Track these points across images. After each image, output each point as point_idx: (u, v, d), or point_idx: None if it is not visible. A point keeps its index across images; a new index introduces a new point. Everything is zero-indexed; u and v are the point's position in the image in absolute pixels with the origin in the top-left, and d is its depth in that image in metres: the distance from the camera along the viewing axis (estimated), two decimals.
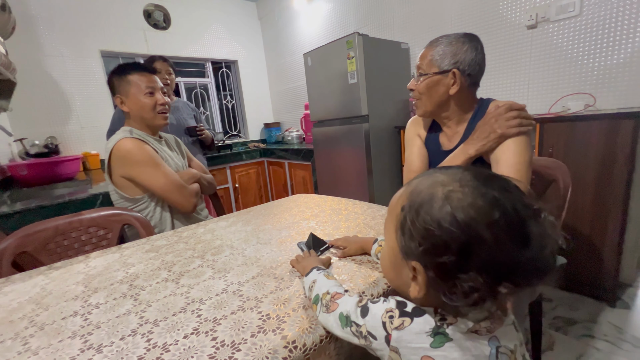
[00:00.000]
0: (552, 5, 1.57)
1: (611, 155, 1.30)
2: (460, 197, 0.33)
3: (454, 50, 0.82)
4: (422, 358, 0.34)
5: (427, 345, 0.34)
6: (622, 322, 1.30)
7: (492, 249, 0.31)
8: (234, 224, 1.02)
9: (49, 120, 2.39)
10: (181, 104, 1.99)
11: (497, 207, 0.32)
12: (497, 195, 0.33)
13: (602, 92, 1.50)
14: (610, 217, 1.34)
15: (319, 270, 0.56)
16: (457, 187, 0.34)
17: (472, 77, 0.84)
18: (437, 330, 0.34)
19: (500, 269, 0.31)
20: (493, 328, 0.35)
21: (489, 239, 0.31)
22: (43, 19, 2.31)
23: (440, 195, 0.34)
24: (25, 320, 0.57)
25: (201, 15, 3.13)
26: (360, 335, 0.40)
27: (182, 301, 0.58)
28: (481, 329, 0.35)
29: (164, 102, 1.18)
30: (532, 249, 0.31)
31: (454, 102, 0.87)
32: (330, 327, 0.46)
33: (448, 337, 0.34)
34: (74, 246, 1.04)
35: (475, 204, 0.32)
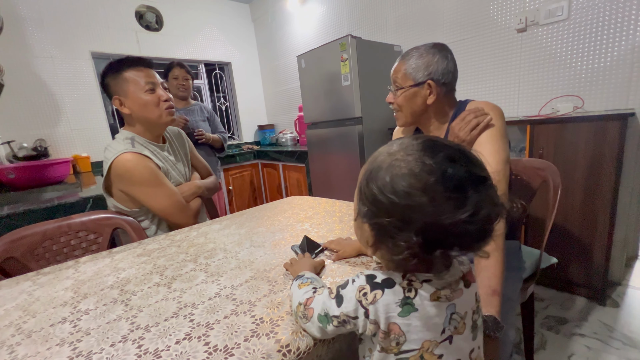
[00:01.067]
0: (541, 9, 1.61)
1: (599, 155, 1.32)
2: (402, 165, 0.36)
3: (426, 62, 0.84)
4: (389, 324, 0.38)
5: (395, 314, 0.38)
6: (612, 321, 1.32)
7: (427, 212, 0.34)
8: (228, 226, 1.01)
9: (38, 122, 2.35)
10: (197, 108, 2.08)
11: (433, 174, 0.34)
12: (436, 162, 0.35)
13: (590, 94, 1.53)
14: (599, 217, 1.37)
15: (298, 279, 0.55)
16: (402, 156, 0.37)
17: (447, 84, 0.86)
18: (405, 301, 0.38)
19: (436, 230, 0.34)
20: (452, 297, 0.39)
21: (425, 203, 0.34)
22: (32, 20, 2.27)
23: (386, 164, 0.38)
24: (11, 328, 0.56)
25: (194, 16, 3.12)
26: (343, 323, 0.42)
27: (174, 306, 0.57)
28: (442, 297, 0.39)
29: (167, 98, 1.08)
30: (467, 213, 0.33)
31: (433, 110, 0.90)
32: (317, 333, 0.46)
33: (414, 307, 0.38)
34: (63, 251, 1.02)
35: (413, 171, 0.35)
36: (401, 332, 0.38)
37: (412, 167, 0.35)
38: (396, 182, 0.35)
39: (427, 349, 0.38)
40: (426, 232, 0.34)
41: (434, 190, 0.34)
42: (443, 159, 0.35)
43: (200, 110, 2.09)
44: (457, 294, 0.40)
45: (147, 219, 1.10)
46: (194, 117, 2.02)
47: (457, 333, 0.40)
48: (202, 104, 2.17)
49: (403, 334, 0.38)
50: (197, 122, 2.03)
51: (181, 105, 2.03)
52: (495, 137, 0.79)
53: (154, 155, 1.08)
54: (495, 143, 0.79)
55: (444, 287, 0.39)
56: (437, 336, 0.39)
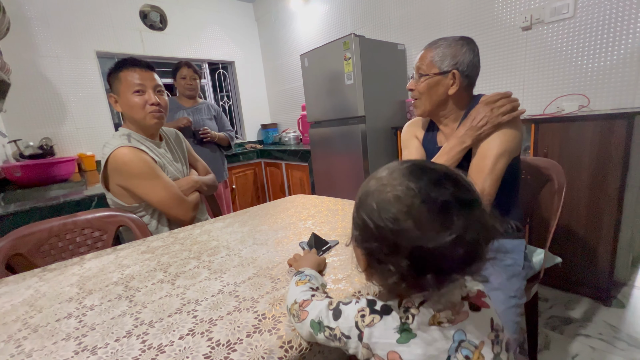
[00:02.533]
0: (546, 7, 1.59)
1: (605, 155, 1.31)
2: (388, 190, 0.37)
3: (453, 52, 0.85)
4: (388, 353, 0.36)
5: (394, 341, 0.36)
6: (617, 321, 1.31)
7: (413, 237, 0.34)
8: (231, 224, 1.02)
9: (43, 121, 2.37)
10: (204, 106, 2.10)
11: (416, 197, 0.34)
12: (420, 186, 0.35)
13: (595, 93, 1.52)
14: (604, 217, 1.35)
15: (298, 274, 0.55)
16: (387, 181, 0.38)
17: (470, 77, 0.87)
18: (403, 327, 0.37)
19: (423, 254, 0.33)
20: (456, 320, 0.37)
21: (410, 228, 0.34)
22: (38, 20, 2.30)
23: (373, 189, 0.38)
24: (18, 323, 0.57)
25: (198, 16, 3.13)
26: (335, 337, 0.41)
27: (177, 302, 0.58)
28: (442, 320, 0.36)
29: (154, 102, 1.07)
30: (452, 236, 0.32)
31: (452, 102, 0.90)
32: (306, 336, 0.46)
33: (412, 333, 0.36)
34: (68, 248, 1.03)
35: (397, 196, 0.35)
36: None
37: (397, 192, 0.36)
38: (382, 208, 0.36)
39: None
40: (414, 257, 0.34)
41: (418, 213, 0.34)
42: (427, 183, 0.35)
43: (207, 109, 2.11)
44: (461, 317, 0.37)
45: (147, 214, 1.11)
46: (201, 116, 2.04)
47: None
48: (209, 102, 2.19)
49: None
50: (204, 120, 2.05)
51: (189, 104, 2.05)
52: (507, 134, 0.81)
53: (150, 151, 1.10)
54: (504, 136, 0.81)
55: (444, 309, 0.37)
56: None
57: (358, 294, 0.57)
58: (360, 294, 0.57)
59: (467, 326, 0.37)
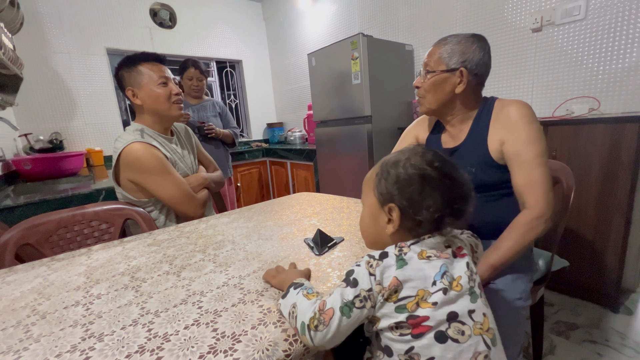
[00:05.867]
0: (557, 8, 1.57)
1: (615, 159, 1.29)
2: (414, 159, 0.52)
3: (462, 49, 0.81)
4: (391, 280, 0.45)
5: (393, 270, 0.46)
6: (625, 328, 1.29)
7: (435, 183, 0.49)
8: (236, 220, 1.02)
9: (54, 116, 2.41)
10: (209, 104, 2.11)
11: (433, 165, 0.50)
12: (435, 159, 0.51)
13: (606, 96, 1.50)
14: (613, 222, 1.33)
15: (296, 288, 0.51)
16: (412, 155, 0.52)
17: (479, 76, 0.83)
18: (398, 259, 0.47)
19: (443, 192, 0.49)
20: (440, 255, 0.48)
21: (434, 177, 0.49)
22: (51, 16, 2.34)
23: (403, 160, 0.52)
24: (27, 309, 0.57)
25: (207, 15, 3.15)
26: (365, 299, 0.45)
27: (183, 293, 0.58)
28: (430, 255, 0.48)
29: (178, 92, 1.13)
30: (458, 185, 0.50)
31: (460, 101, 0.86)
32: (342, 333, 0.45)
33: (406, 262, 0.47)
34: (76, 239, 1.04)
35: (422, 163, 0.51)
36: (398, 282, 0.45)
37: (422, 161, 0.51)
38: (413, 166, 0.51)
39: (422, 297, 0.44)
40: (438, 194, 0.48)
41: (436, 171, 0.49)
42: (436, 158, 0.51)
43: (212, 106, 2.12)
44: (444, 255, 0.48)
45: (156, 209, 1.12)
46: (206, 113, 2.06)
47: (452, 289, 0.46)
48: (214, 99, 2.20)
49: (400, 283, 0.45)
50: (209, 117, 2.06)
51: (194, 101, 2.06)
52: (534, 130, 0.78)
53: (162, 147, 1.11)
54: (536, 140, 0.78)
55: (430, 249, 0.49)
56: (428, 286, 0.45)
57: None
58: None
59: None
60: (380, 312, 0.46)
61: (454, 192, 0.49)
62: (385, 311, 0.45)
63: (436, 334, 0.43)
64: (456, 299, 0.45)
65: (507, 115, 0.80)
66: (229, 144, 2.17)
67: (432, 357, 0.43)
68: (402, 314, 0.44)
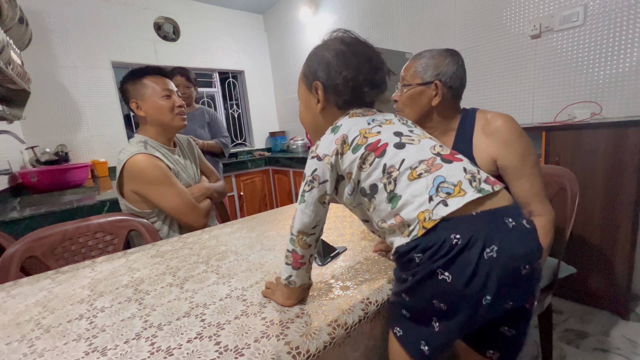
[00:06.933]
0: (555, 15, 1.59)
1: (619, 163, 1.28)
2: (329, 42, 0.61)
3: (436, 62, 0.85)
4: (336, 139, 0.54)
5: (332, 136, 0.55)
6: (636, 336, 1.26)
7: (347, 57, 0.58)
8: (239, 230, 1.02)
9: (60, 128, 2.45)
10: (198, 113, 2.06)
11: (345, 42, 0.59)
12: (346, 38, 0.61)
13: (608, 101, 1.49)
14: (620, 227, 1.31)
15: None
16: (328, 39, 0.62)
17: (454, 89, 0.86)
18: (332, 129, 0.56)
19: (354, 64, 0.57)
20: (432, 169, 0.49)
21: (346, 52, 0.58)
22: (58, 32, 2.40)
23: (321, 45, 0.62)
24: (31, 323, 0.58)
25: (209, 27, 3.22)
26: (311, 182, 0.54)
27: (186, 306, 0.58)
28: (358, 114, 0.58)
29: (181, 104, 1.17)
30: (367, 58, 0.58)
31: (437, 113, 0.89)
32: (308, 214, 0.54)
33: (339, 125, 0.56)
34: (80, 251, 1.05)
35: (336, 43, 0.60)
36: (342, 136, 0.53)
37: (337, 42, 0.60)
38: (330, 47, 0.60)
39: (366, 131, 0.53)
40: (353, 69, 0.57)
41: (348, 47, 0.59)
42: (351, 39, 0.61)
43: (201, 115, 2.06)
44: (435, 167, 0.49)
45: (160, 220, 1.13)
46: (192, 125, 1.98)
47: (386, 124, 0.55)
48: (205, 107, 2.13)
49: (344, 135, 0.53)
50: (195, 129, 1.99)
51: None
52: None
53: (165, 158, 1.13)
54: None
55: (357, 111, 0.58)
56: (365, 125, 0.54)
57: (367, 300, 0.56)
58: (369, 300, 0.56)
59: (443, 172, 0.47)
60: (347, 165, 0.53)
61: (365, 63, 0.57)
62: (348, 161, 0.52)
63: (395, 145, 0.51)
64: (393, 127, 0.54)
65: (496, 130, 0.81)
66: (217, 154, 2.10)
67: (403, 158, 0.49)
68: (359, 150, 0.52)
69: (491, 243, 0.42)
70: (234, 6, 3.34)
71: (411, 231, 0.46)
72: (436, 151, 0.51)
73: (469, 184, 0.46)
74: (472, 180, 0.47)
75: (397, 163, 0.49)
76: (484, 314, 0.43)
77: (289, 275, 0.54)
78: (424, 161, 0.48)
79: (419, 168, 0.48)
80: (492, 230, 0.43)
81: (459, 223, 0.43)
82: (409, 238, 0.46)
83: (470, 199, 0.44)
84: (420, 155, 0.49)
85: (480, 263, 0.41)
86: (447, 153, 0.51)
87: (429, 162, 0.48)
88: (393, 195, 0.48)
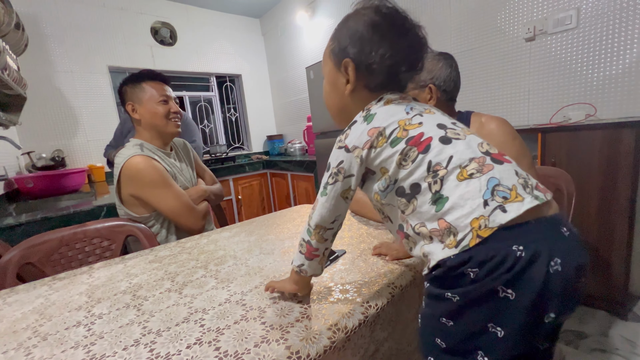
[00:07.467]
0: (549, 18, 1.61)
1: (614, 164, 1.30)
2: (363, 11, 0.53)
3: (429, 67, 0.86)
4: (368, 132, 0.48)
5: (365, 125, 0.49)
6: (634, 336, 1.26)
7: (384, 31, 0.50)
8: (237, 234, 1.02)
9: (56, 133, 2.44)
10: None
11: (381, 13, 0.51)
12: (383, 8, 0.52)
13: (602, 102, 1.51)
14: (616, 227, 1.33)
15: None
16: (360, 8, 0.53)
17: (448, 92, 0.87)
18: (365, 117, 0.50)
19: (393, 39, 0.50)
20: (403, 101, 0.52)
21: (382, 25, 0.50)
22: (55, 37, 2.40)
23: (352, 15, 0.54)
24: (28, 331, 0.57)
25: (206, 31, 3.23)
26: (336, 174, 0.50)
27: (185, 311, 0.58)
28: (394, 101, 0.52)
29: (176, 110, 1.17)
30: (407, 33, 0.51)
31: None
32: (329, 209, 0.51)
33: (373, 114, 0.50)
34: (77, 257, 1.04)
35: (371, 13, 0.52)
36: (377, 128, 0.48)
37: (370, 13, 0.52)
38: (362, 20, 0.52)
39: (406, 123, 0.47)
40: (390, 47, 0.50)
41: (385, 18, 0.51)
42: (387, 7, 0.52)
43: None
44: (406, 100, 0.51)
45: (158, 224, 1.13)
46: None
47: (426, 113, 0.49)
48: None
49: (379, 127, 0.48)
50: None
51: None
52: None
53: (161, 160, 1.13)
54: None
55: (392, 98, 0.52)
56: (404, 115, 0.48)
57: (367, 304, 0.56)
58: (369, 304, 0.56)
59: (496, 174, 0.42)
60: (381, 159, 0.47)
61: (404, 40, 0.50)
62: (384, 155, 0.47)
63: (440, 139, 0.45)
64: (435, 118, 0.49)
65: (490, 133, 0.83)
66: None
67: (451, 155, 0.43)
68: (399, 144, 0.46)
69: (554, 255, 0.37)
70: (231, 10, 3.36)
71: (460, 240, 0.40)
72: (484, 149, 0.45)
73: (522, 189, 0.41)
74: (524, 185, 0.41)
75: (444, 160, 0.43)
76: (543, 332, 0.39)
77: (301, 264, 0.54)
78: (475, 159, 0.43)
79: (469, 167, 0.42)
80: (553, 241, 0.38)
81: (518, 232, 0.38)
82: (458, 249, 0.40)
83: (530, 206, 0.39)
84: (470, 152, 0.43)
85: (548, 278, 0.37)
86: (496, 152, 0.45)
87: (479, 161, 0.42)
88: (439, 196, 0.42)
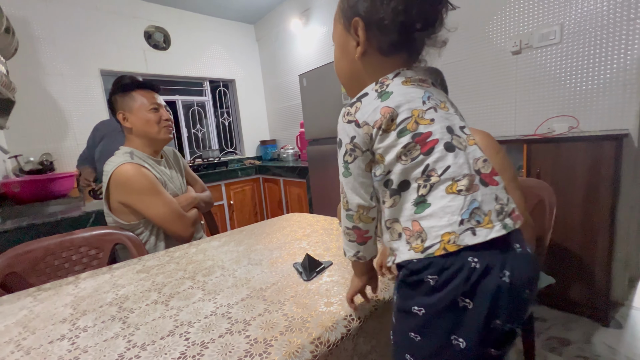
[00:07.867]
0: (534, 33, 1.66)
1: (596, 175, 1.34)
2: None
3: None
4: (380, 110, 0.46)
5: (379, 102, 0.47)
6: (616, 342, 1.30)
7: None
8: (226, 243, 1.02)
9: (45, 137, 2.41)
10: None
11: None
12: None
13: (585, 115, 1.56)
14: (598, 236, 1.37)
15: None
16: None
17: None
18: (380, 94, 0.47)
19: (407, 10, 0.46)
20: (422, 85, 0.49)
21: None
22: (45, 39, 2.37)
23: None
24: (11, 345, 0.57)
25: (200, 36, 3.23)
26: (352, 150, 0.49)
27: (170, 324, 0.58)
28: (413, 82, 0.49)
29: (167, 118, 1.19)
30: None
31: None
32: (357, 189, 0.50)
33: (389, 93, 0.47)
34: (64, 266, 1.03)
35: None
36: (391, 109, 0.46)
37: None
38: None
39: (418, 115, 0.46)
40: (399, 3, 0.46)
41: None
42: None
43: None
44: (425, 84, 0.49)
45: (147, 231, 1.13)
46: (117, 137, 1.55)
47: (440, 109, 0.48)
48: None
49: (394, 110, 0.46)
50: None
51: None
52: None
53: (152, 168, 1.14)
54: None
55: (412, 77, 0.49)
56: (420, 105, 0.46)
57: (349, 317, 0.57)
58: (352, 317, 0.57)
59: (478, 196, 0.44)
60: (383, 146, 0.46)
61: None
62: (388, 142, 0.46)
63: (445, 145, 0.45)
64: (447, 117, 0.48)
65: None
66: None
67: (448, 166, 0.44)
68: (405, 136, 0.45)
69: (505, 268, 0.41)
70: (225, 16, 3.37)
71: (427, 247, 0.43)
72: (478, 167, 0.46)
73: (496, 215, 0.43)
74: (500, 212, 0.44)
75: (441, 169, 0.44)
76: (497, 340, 0.42)
77: (357, 251, 0.54)
78: (468, 176, 0.44)
79: (461, 183, 0.43)
80: (505, 256, 0.42)
81: (475, 247, 0.42)
82: (423, 254, 0.43)
83: (497, 235, 0.42)
84: (466, 168, 0.44)
85: (499, 288, 0.41)
86: (486, 173, 0.46)
87: (470, 179, 0.44)
88: (423, 200, 0.44)
